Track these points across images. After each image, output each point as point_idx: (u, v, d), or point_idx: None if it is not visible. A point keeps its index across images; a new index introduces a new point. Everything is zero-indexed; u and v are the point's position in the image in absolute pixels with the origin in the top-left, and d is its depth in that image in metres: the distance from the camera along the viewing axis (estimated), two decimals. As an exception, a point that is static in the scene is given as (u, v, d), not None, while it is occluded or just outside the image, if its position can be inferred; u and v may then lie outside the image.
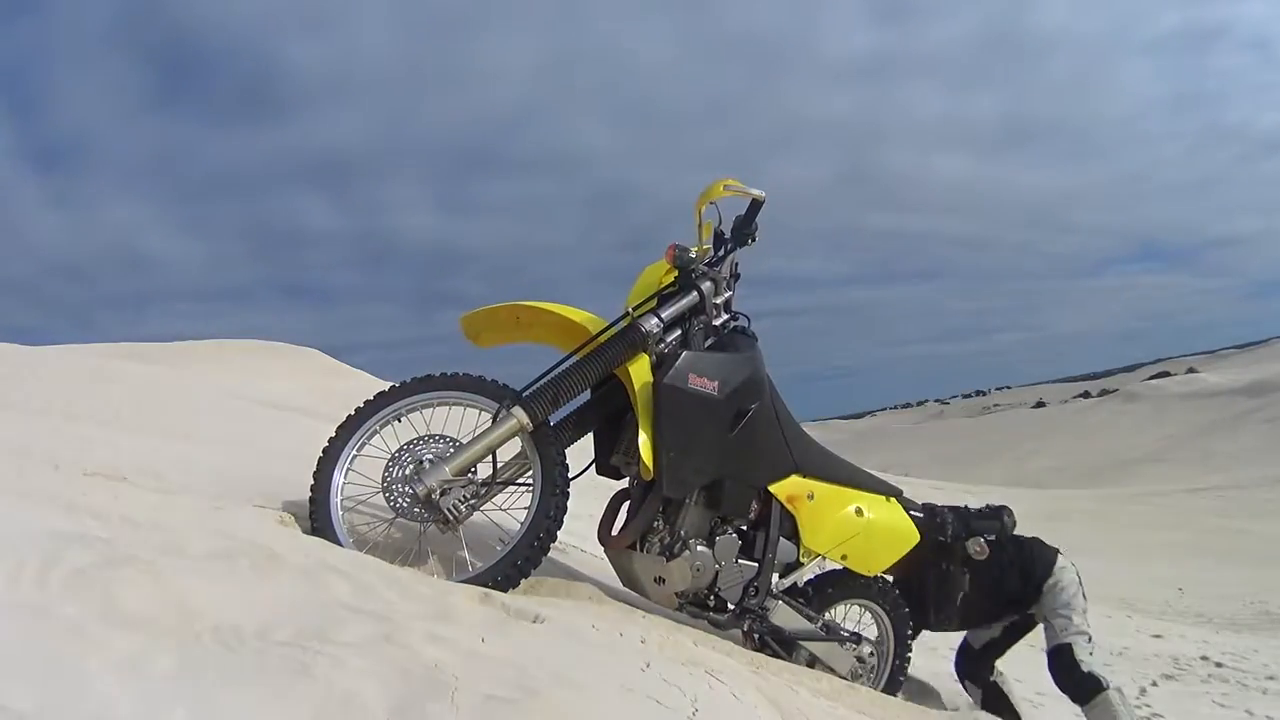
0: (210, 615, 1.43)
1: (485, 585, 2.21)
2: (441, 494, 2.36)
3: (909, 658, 3.09)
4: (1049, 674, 3.33)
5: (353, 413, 2.52)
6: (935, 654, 4.43)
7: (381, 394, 2.55)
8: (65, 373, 6.69)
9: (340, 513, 2.38)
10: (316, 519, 2.35)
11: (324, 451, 2.46)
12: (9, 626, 1.27)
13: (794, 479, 2.76)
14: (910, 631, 3.09)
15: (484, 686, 1.40)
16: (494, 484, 2.48)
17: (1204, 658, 6.44)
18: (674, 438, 2.43)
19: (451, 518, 2.37)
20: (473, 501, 2.42)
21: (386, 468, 2.41)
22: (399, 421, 2.53)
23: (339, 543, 2.29)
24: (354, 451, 2.47)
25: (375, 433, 2.50)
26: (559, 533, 2.45)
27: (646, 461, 2.40)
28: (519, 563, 2.32)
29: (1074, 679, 3.21)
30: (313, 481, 2.41)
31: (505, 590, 2.26)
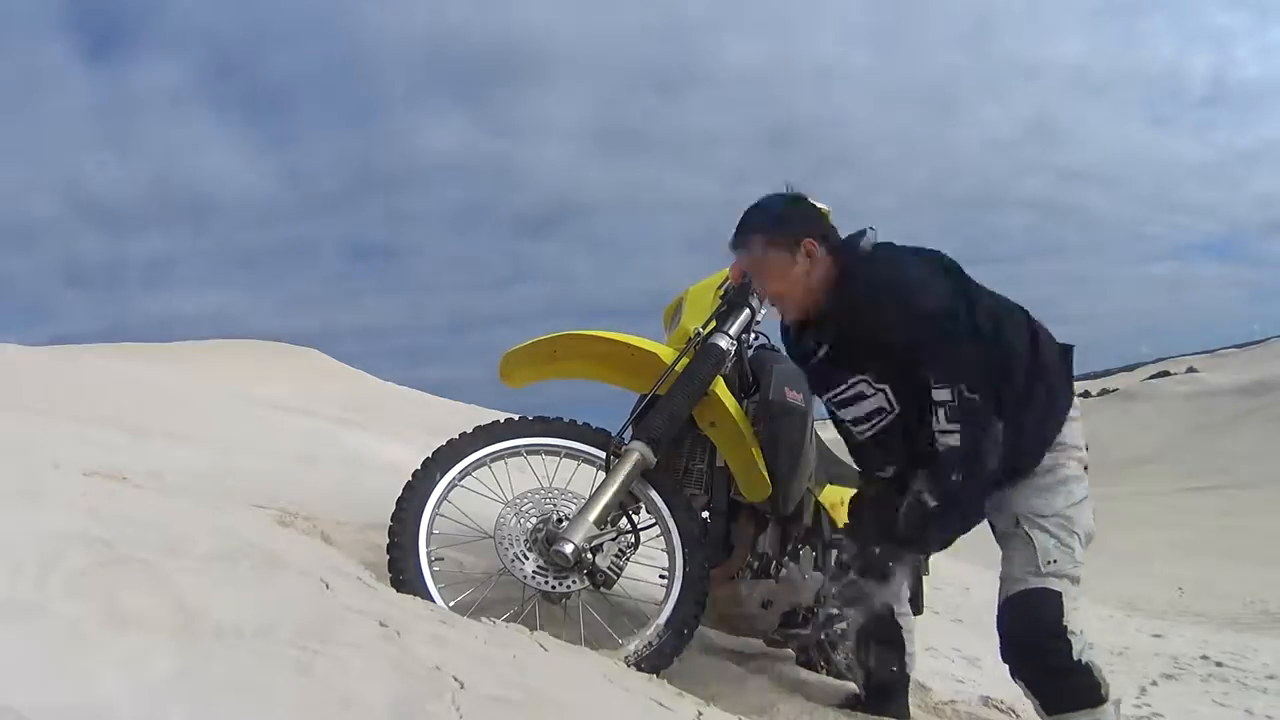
0: (210, 615, 1.42)
1: (650, 661, 1.95)
2: (593, 552, 2.02)
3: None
4: (1002, 642, 1.89)
5: (420, 467, 2.13)
6: (937, 654, 4.43)
7: (453, 442, 2.17)
8: (65, 373, 6.69)
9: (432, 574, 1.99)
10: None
11: (396, 519, 2.03)
12: (9, 626, 1.26)
13: (829, 486, 2.78)
14: None
15: (486, 687, 1.39)
16: (636, 532, 2.20)
17: (1204, 657, 6.44)
18: (785, 454, 2.39)
19: (613, 576, 2.04)
20: (628, 554, 2.12)
21: (499, 542, 2.03)
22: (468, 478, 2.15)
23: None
24: (433, 515, 2.06)
25: (455, 486, 2.12)
26: None
27: (764, 481, 2.33)
28: (693, 614, 2.07)
29: (1057, 663, 1.77)
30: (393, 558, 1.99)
31: (671, 663, 2.00)
